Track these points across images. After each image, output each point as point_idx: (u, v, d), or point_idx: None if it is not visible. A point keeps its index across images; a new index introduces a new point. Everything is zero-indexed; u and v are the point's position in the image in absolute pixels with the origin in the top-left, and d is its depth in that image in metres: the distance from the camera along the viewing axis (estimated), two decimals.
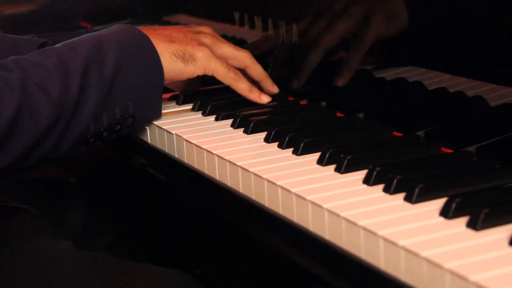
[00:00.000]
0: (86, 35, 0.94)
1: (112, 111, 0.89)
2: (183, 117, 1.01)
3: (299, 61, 1.07)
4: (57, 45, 0.91)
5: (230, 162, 0.85)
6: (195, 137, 0.92)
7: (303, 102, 1.06)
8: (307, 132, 0.90)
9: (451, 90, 1.01)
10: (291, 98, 1.08)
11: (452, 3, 0.93)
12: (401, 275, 0.62)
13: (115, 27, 0.96)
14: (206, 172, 0.90)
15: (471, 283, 0.55)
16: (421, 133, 0.89)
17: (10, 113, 0.79)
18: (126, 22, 1.76)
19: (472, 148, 0.83)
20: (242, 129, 0.95)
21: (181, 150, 0.93)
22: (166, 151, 0.96)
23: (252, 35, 1.40)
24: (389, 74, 1.04)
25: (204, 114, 1.02)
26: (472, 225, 0.64)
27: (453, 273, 0.57)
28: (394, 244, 0.62)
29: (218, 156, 0.87)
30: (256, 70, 1.02)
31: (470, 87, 1.00)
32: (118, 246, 1.15)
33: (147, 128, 0.98)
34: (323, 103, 1.05)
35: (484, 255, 0.59)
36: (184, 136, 0.93)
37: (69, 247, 0.98)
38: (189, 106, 1.06)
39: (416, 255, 0.60)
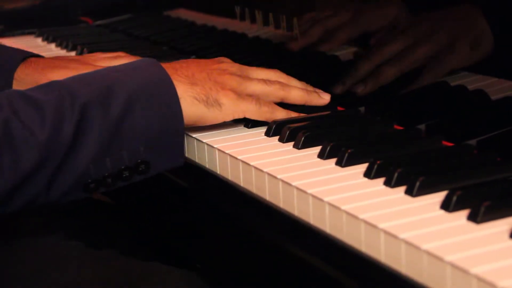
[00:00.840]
0: (104, 69, 0.87)
1: (119, 155, 0.81)
2: None
3: (371, 74, 1.03)
4: (67, 78, 0.84)
5: (231, 156, 0.85)
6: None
7: None
8: (308, 126, 0.90)
9: (452, 84, 1.01)
10: None
11: None
12: (402, 268, 0.62)
13: (138, 62, 0.89)
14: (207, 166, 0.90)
15: (471, 276, 0.55)
16: (422, 126, 0.89)
17: None
18: (127, 17, 1.77)
19: (473, 142, 0.83)
20: (243, 123, 0.95)
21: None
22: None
23: (253, 30, 1.40)
24: None
25: None
26: (473, 218, 0.64)
27: (454, 266, 0.57)
28: (394, 237, 0.62)
29: (218, 150, 0.87)
30: (296, 96, 0.94)
31: (471, 80, 1.00)
32: (129, 246, 1.13)
33: None
34: None
35: (484, 248, 0.59)
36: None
37: (79, 246, 0.97)
38: None
39: (417, 248, 0.60)
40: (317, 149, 0.83)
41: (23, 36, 1.77)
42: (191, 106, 0.86)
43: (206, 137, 0.91)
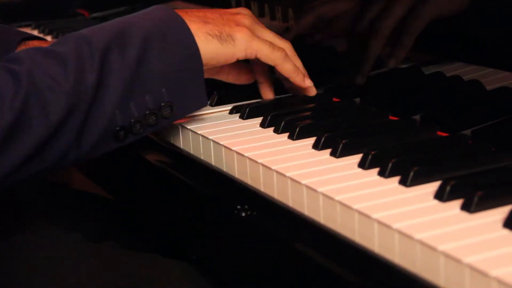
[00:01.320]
0: (116, 19, 0.86)
1: (142, 100, 0.81)
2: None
3: (358, 54, 1.02)
4: (82, 30, 0.83)
5: (225, 147, 0.85)
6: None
7: None
8: (303, 117, 0.90)
9: (447, 75, 1.01)
10: None
11: None
12: (396, 258, 0.62)
13: (148, 9, 0.87)
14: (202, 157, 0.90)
15: (464, 265, 0.55)
16: (417, 117, 0.89)
17: (16, 107, 0.73)
18: (124, 9, 1.76)
19: (467, 132, 0.83)
20: (238, 114, 0.95)
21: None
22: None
23: None
24: None
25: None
26: (467, 207, 0.64)
27: (447, 255, 0.57)
28: (388, 227, 0.62)
29: (213, 141, 0.87)
30: (297, 62, 0.94)
31: (467, 71, 1.00)
32: (128, 241, 1.13)
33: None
34: (320, 89, 1.05)
35: (478, 237, 0.59)
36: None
37: (78, 241, 0.97)
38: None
39: (410, 237, 0.60)
40: (312, 140, 0.83)
41: (19, 29, 1.77)
42: (205, 42, 0.85)
43: (201, 129, 0.90)
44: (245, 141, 0.85)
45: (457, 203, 0.65)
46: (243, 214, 0.77)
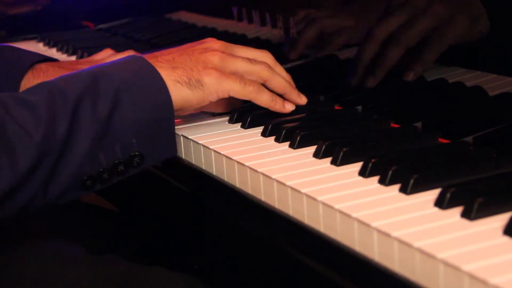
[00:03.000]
0: (89, 67, 0.87)
1: (111, 150, 0.81)
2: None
3: (377, 62, 1.01)
4: (54, 79, 0.84)
5: (226, 156, 0.85)
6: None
7: None
8: (304, 125, 0.89)
9: (450, 81, 1.00)
10: None
11: None
12: (395, 266, 0.62)
13: (121, 58, 0.88)
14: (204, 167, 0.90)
15: (463, 273, 0.55)
16: (418, 124, 0.88)
17: None
18: (127, 21, 1.77)
19: (469, 139, 0.82)
20: (240, 123, 0.95)
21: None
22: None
23: (252, 31, 1.40)
24: None
25: None
26: (467, 214, 0.63)
27: (446, 263, 0.56)
28: (387, 235, 0.62)
29: (214, 151, 0.87)
30: (278, 82, 0.92)
31: (469, 77, 1.00)
32: (131, 252, 1.12)
33: None
34: (322, 97, 1.04)
35: (478, 245, 0.59)
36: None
37: (81, 251, 0.97)
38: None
39: (409, 245, 0.60)
40: (313, 148, 0.83)
41: (25, 42, 1.78)
42: (175, 90, 0.85)
43: (202, 138, 0.90)
44: (246, 150, 0.85)
45: (457, 211, 0.65)
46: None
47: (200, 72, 0.87)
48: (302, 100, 0.95)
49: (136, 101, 0.82)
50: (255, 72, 0.91)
